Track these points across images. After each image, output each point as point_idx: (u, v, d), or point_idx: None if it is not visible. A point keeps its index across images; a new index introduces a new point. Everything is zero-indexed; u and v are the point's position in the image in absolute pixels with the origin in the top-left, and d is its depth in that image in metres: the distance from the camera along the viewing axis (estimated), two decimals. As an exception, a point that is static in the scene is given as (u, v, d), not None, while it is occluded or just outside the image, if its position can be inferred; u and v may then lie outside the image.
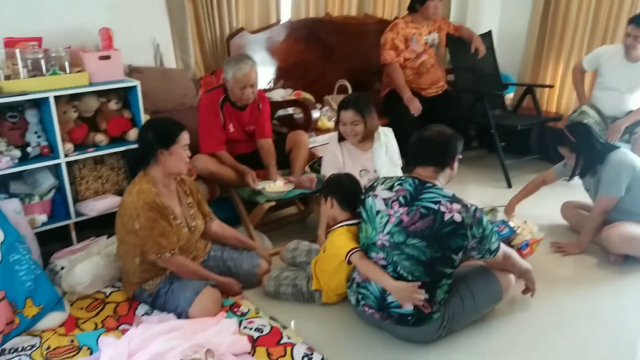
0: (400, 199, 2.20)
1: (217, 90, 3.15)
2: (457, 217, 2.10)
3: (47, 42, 2.85)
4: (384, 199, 2.25)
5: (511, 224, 3.10)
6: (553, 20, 4.67)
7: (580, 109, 3.94)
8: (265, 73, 4.20)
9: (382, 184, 2.33)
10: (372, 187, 2.37)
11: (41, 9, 3.03)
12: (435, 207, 2.12)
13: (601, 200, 2.92)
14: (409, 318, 2.19)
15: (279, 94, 4.06)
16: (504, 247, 2.29)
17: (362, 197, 2.38)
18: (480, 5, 4.80)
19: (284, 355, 2.19)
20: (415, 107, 4.00)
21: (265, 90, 4.10)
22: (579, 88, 4.09)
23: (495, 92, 4.37)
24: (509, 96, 4.81)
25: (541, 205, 3.54)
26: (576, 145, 2.93)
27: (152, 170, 2.47)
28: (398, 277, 2.17)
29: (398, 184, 2.25)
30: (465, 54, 4.36)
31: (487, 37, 4.53)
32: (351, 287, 2.40)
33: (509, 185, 3.88)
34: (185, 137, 2.47)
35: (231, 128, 3.17)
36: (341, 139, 3.09)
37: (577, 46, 4.53)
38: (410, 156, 2.34)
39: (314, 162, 3.56)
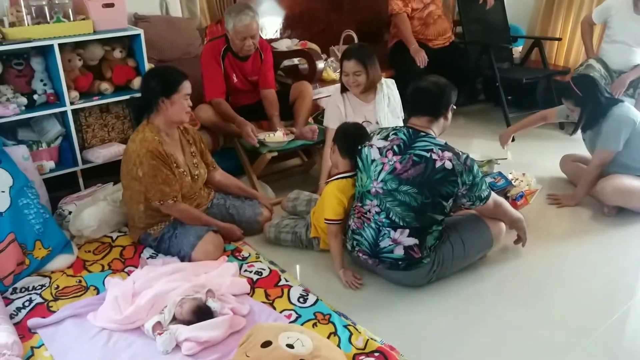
0: (395, 147, 2.26)
1: (219, 40, 3.17)
2: (448, 165, 2.16)
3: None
4: (379, 148, 2.30)
5: (509, 175, 3.15)
6: (565, -29, 4.58)
7: (586, 63, 3.91)
8: (271, 22, 4.19)
9: (377, 134, 2.38)
10: (368, 137, 2.42)
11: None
12: (427, 154, 2.18)
13: (599, 154, 2.94)
14: (400, 263, 2.27)
15: (285, 44, 4.05)
16: (494, 196, 2.35)
17: (359, 147, 2.43)
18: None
19: (281, 296, 2.29)
20: (422, 58, 3.99)
21: (272, 40, 4.11)
22: (587, 41, 4.05)
23: (500, 45, 4.33)
24: (518, 49, 4.76)
25: (542, 158, 3.59)
26: (581, 99, 2.92)
27: (155, 119, 2.52)
28: (391, 222, 2.24)
29: (393, 134, 2.31)
30: (474, 5, 4.32)
31: (496, -13, 4.46)
32: (347, 233, 2.47)
33: (512, 139, 3.89)
34: (186, 86, 2.51)
35: (234, 78, 3.20)
36: (344, 90, 3.11)
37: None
38: (406, 106, 2.37)
39: (318, 114, 3.59)
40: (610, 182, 2.89)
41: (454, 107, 2.38)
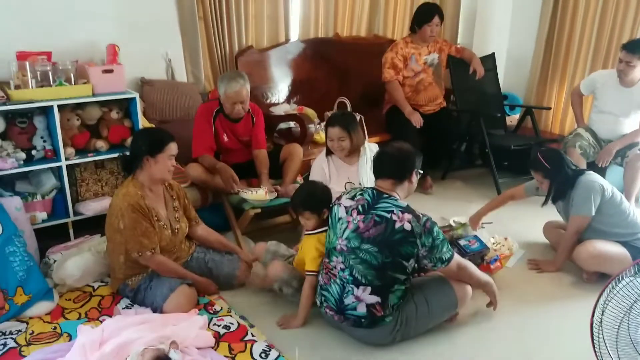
0: (359, 207, 2.35)
1: (212, 102, 3.38)
2: (407, 226, 2.24)
3: (59, 55, 3.11)
4: (346, 207, 2.40)
5: (491, 239, 3.20)
6: (557, 44, 4.74)
7: (575, 131, 3.99)
8: (272, 89, 4.41)
9: (347, 193, 2.49)
10: (339, 197, 2.53)
11: (65, 26, 3.33)
12: (388, 215, 2.27)
13: (574, 221, 2.98)
14: (363, 320, 2.32)
15: (283, 109, 4.26)
16: (458, 258, 2.40)
17: (331, 205, 2.53)
18: (487, 28, 4.87)
19: (244, 351, 2.34)
20: (417, 119, 4.15)
21: (272, 105, 4.32)
22: (576, 111, 4.14)
23: (490, 113, 4.44)
24: (515, 117, 4.88)
25: (526, 224, 3.61)
26: (549, 171, 3.01)
27: (139, 175, 2.67)
28: (354, 280, 2.30)
29: (359, 194, 2.41)
30: (466, 74, 4.47)
31: (489, 59, 4.63)
32: (318, 290, 2.53)
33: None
34: (172, 148, 2.66)
35: (225, 138, 3.37)
36: (329, 153, 3.25)
37: (580, 69, 4.58)
38: (373, 170, 2.48)
39: (308, 174, 3.72)
40: (585, 247, 2.91)
41: (420, 172, 2.48)
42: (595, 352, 1.88)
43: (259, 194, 3.14)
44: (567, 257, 3.05)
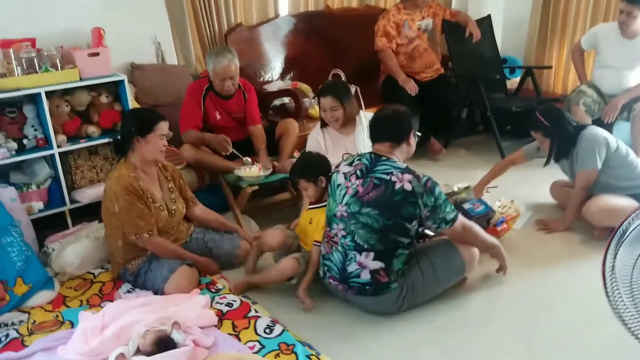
0: (357, 172, 2.30)
1: (202, 80, 3.30)
2: (407, 186, 2.18)
3: (43, 42, 3.04)
4: (344, 173, 2.35)
5: (497, 202, 3.13)
6: (555, 1, 4.62)
7: (578, 89, 3.90)
8: (265, 66, 4.33)
9: (345, 160, 2.44)
10: (337, 165, 2.48)
11: (49, 12, 3.25)
12: (387, 177, 2.22)
13: (581, 176, 2.91)
14: (367, 287, 2.26)
15: (277, 86, 4.19)
16: (463, 219, 2.34)
17: (330, 174, 2.48)
18: (482, -10, 4.77)
19: (248, 327, 2.30)
20: (411, 86, 4.06)
21: (266, 82, 4.24)
22: (578, 67, 4.05)
23: (489, 76, 4.34)
24: (516, 80, 4.77)
25: (532, 185, 3.54)
26: (549, 129, 2.95)
27: (131, 157, 2.61)
28: (356, 246, 2.26)
29: (357, 159, 2.36)
30: (462, 39, 4.36)
31: (485, 21, 4.51)
32: (320, 260, 2.48)
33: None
34: (162, 127, 2.59)
35: (217, 116, 3.30)
36: (324, 124, 3.18)
37: (580, 26, 4.48)
38: (369, 134, 2.42)
39: (305, 149, 3.65)
40: (595, 202, 2.85)
41: (418, 133, 2.41)
42: (609, 300, 1.81)
43: (253, 171, 3.09)
44: (576, 214, 2.98)
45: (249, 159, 3.19)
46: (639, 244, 1.76)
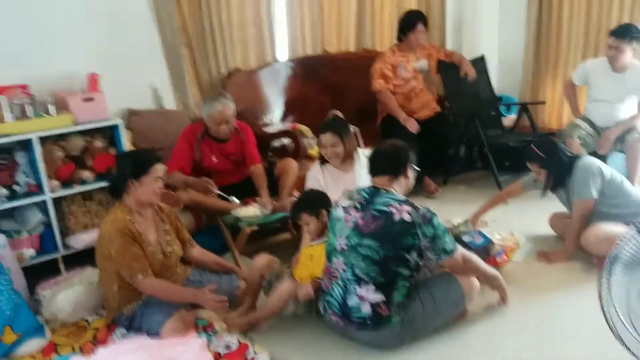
0: (357, 204, 2.29)
1: (197, 124, 3.30)
2: (407, 217, 2.17)
3: (36, 87, 3.05)
4: (344, 207, 2.34)
5: (497, 235, 3.08)
6: (547, 40, 4.69)
7: (572, 122, 3.93)
8: (264, 110, 4.35)
9: (345, 195, 2.43)
10: (337, 200, 2.47)
11: (43, 58, 3.26)
12: (387, 209, 2.21)
13: (577, 205, 2.92)
14: (369, 322, 2.21)
15: (276, 128, 4.21)
16: (462, 250, 2.32)
17: (330, 209, 2.48)
18: (475, 32, 4.83)
19: (247, 368, 2.20)
20: (412, 124, 4.08)
21: (264, 126, 4.26)
22: (571, 102, 4.10)
23: (485, 113, 4.37)
24: (512, 117, 4.80)
25: (532, 218, 3.50)
26: (545, 160, 2.98)
27: (126, 199, 2.57)
28: (356, 278, 2.22)
29: (357, 193, 2.36)
30: (458, 78, 4.41)
31: (479, 61, 4.57)
32: (321, 296, 2.42)
33: (505, 202, 3.83)
34: (157, 169, 2.55)
35: (214, 159, 3.29)
36: (323, 162, 3.16)
37: (571, 62, 4.52)
38: (368, 168, 2.43)
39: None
40: (592, 231, 2.84)
41: (417, 168, 2.43)
42: (609, 325, 1.77)
43: (250, 211, 3.05)
44: (576, 244, 2.96)
45: (236, 200, 3.14)
46: (633, 268, 1.78)
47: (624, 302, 1.79)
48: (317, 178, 3.13)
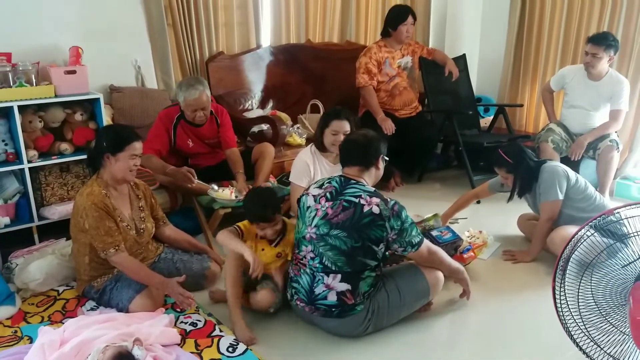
0: (327, 194, 2.32)
1: (173, 108, 3.31)
2: (375, 209, 2.21)
3: (19, 57, 3.05)
4: (314, 196, 2.37)
5: (466, 233, 3.17)
6: (527, 44, 4.78)
7: (547, 127, 4.01)
8: (245, 95, 4.38)
9: (314, 183, 2.46)
10: (307, 188, 2.50)
11: (28, 30, 3.29)
12: (356, 200, 2.24)
13: (544, 207, 2.99)
14: (334, 310, 2.26)
15: (256, 114, 4.24)
16: (428, 243, 2.36)
17: (300, 196, 2.49)
18: (458, 30, 4.90)
19: (211, 346, 2.27)
20: (388, 126, 4.11)
21: (245, 110, 4.29)
22: (547, 107, 4.18)
23: (462, 112, 4.44)
24: (490, 119, 4.88)
25: (502, 219, 3.59)
26: (512, 165, 3.02)
27: (103, 174, 2.59)
28: (324, 267, 2.26)
29: (327, 183, 2.38)
30: (438, 76, 4.48)
31: (460, 60, 4.64)
32: (288, 282, 2.47)
33: (477, 201, 3.91)
34: (135, 147, 2.56)
35: (190, 143, 3.32)
36: (322, 149, 3.08)
37: (550, 67, 4.62)
38: (340, 158, 2.45)
39: (283, 175, 3.66)
40: (557, 233, 2.90)
41: (386, 158, 2.45)
42: (561, 322, 1.86)
43: (224, 194, 3.09)
44: (542, 245, 3.03)
45: (215, 187, 3.15)
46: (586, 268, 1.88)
47: (576, 301, 1.89)
48: (307, 163, 3.07)
